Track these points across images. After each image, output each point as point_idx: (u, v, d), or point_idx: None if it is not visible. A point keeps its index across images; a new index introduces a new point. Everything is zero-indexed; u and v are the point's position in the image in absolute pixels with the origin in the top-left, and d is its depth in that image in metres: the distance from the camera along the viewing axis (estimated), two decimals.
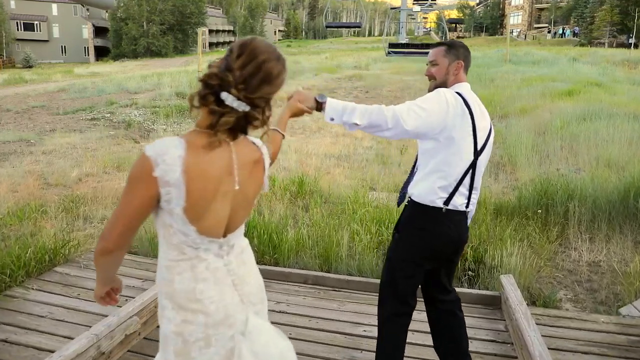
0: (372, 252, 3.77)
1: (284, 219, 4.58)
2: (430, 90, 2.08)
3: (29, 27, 53.14)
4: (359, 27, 26.79)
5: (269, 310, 3.11)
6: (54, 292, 3.38)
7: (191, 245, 1.26)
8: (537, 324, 2.73)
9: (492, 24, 66.06)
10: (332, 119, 1.84)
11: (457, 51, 2.07)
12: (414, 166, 2.19)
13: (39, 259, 3.70)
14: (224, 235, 1.31)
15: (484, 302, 3.19)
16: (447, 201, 1.99)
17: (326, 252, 3.82)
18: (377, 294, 3.32)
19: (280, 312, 3.13)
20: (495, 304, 3.18)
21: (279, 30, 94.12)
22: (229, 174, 1.26)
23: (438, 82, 2.07)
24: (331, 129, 13.50)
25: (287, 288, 3.49)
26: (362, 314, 3.10)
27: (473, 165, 2.00)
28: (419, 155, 2.11)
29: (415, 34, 62.47)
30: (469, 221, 2.16)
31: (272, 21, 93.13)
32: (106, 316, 2.71)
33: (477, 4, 75.31)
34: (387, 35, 28.56)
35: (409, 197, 2.11)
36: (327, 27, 27.06)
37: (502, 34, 53.57)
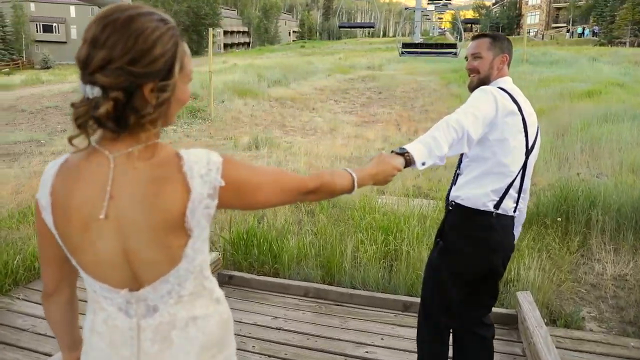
0: (377, 263, 3.52)
1: (286, 226, 4.35)
2: (471, 86, 1.95)
3: (47, 28, 54.01)
4: (372, 27, 26.47)
5: (264, 326, 2.91)
6: (40, 302, 3.20)
7: (90, 286, 0.97)
8: (557, 347, 2.46)
9: (508, 24, 65.07)
10: (423, 164, 1.56)
11: (502, 44, 1.94)
12: (455, 172, 2.05)
13: (28, 266, 3.54)
14: (134, 288, 0.95)
15: (498, 320, 2.89)
16: (498, 205, 1.85)
17: (329, 263, 3.58)
18: (382, 310, 3.13)
19: (276, 328, 2.90)
20: (510, 323, 2.91)
21: (293, 31, 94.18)
22: (109, 195, 0.91)
23: (481, 77, 1.93)
24: (343, 131, 13.30)
25: (286, 301, 3.27)
26: (365, 333, 2.86)
27: (524, 165, 1.86)
28: (464, 158, 1.96)
29: (430, 34, 61.90)
30: (519, 229, 2.04)
31: (287, 22, 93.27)
32: None
33: (493, 4, 74.38)
34: (401, 36, 28.20)
35: (453, 202, 1.96)
36: (340, 27, 26.81)
37: (518, 34, 52.70)
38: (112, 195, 0.89)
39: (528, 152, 1.87)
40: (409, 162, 1.49)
